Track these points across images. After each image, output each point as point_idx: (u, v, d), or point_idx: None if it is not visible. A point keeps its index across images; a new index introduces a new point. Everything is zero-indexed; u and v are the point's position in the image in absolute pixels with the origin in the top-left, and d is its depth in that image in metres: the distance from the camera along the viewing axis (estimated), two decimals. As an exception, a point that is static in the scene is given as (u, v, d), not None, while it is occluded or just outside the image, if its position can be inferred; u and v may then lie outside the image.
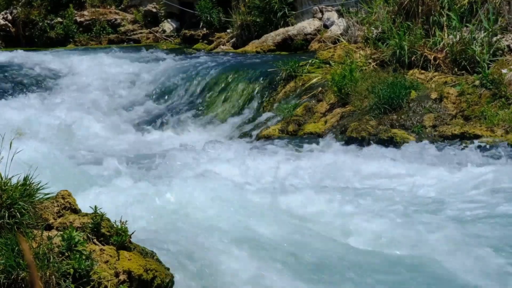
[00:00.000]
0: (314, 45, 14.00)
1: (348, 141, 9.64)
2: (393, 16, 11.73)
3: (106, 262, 4.97)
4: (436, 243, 5.98)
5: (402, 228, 6.20)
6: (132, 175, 7.99)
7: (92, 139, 11.21)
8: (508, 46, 10.52)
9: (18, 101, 12.91)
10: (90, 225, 5.09)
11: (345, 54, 11.78)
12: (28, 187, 5.03)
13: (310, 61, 12.09)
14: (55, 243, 4.81)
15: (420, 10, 11.44)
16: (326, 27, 14.64)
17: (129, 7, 18.59)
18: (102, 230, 5.11)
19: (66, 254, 4.78)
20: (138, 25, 18.12)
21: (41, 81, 13.85)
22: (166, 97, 13.00)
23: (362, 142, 9.48)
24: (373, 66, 11.10)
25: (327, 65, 11.82)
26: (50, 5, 18.09)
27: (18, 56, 14.99)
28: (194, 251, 5.48)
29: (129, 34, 18.00)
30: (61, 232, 4.93)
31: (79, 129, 11.30)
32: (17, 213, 4.89)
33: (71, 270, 4.72)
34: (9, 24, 18.05)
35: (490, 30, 10.63)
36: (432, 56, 10.75)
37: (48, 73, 14.14)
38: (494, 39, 10.61)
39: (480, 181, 7.60)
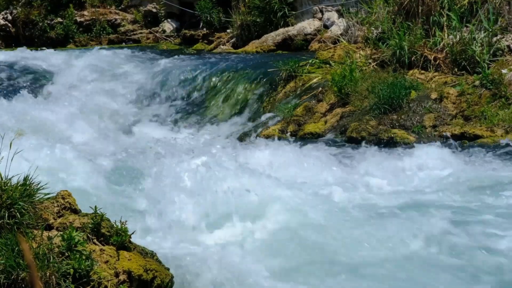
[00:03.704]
0: (314, 45, 14.00)
1: (348, 141, 9.65)
2: (393, 16, 11.73)
3: (106, 262, 4.97)
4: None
5: None
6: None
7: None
8: (508, 46, 10.52)
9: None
10: (90, 225, 5.09)
11: (345, 54, 11.78)
12: (28, 187, 5.03)
13: (310, 61, 12.08)
14: (55, 243, 4.81)
15: (420, 10, 11.45)
16: (326, 27, 14.64)
17: (129, 7, 18.59)
18: (102, 230, 5.11)
19: (66, 254, 4.78)
20: (138, 25, 18.12)
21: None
22: (165, 97, 12.99)
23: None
24: (373, 66, 11.10)
25: (327, 65, 11.82)
26: (50, 5, 18.09)
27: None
28: None
29: (129, 34, 18.00)
30: (61, 232, 4.93)
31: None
32: (17, 213, 4.89)
33: (71, 270, 4.72)
34: (9, 24, 18.05)
35: (490, 30, 10.63)
36: (432, 56, 10.75)
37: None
38: (494, 39, 10.61)
39: None
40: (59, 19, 17.97)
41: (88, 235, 5.06)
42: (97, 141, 11.02)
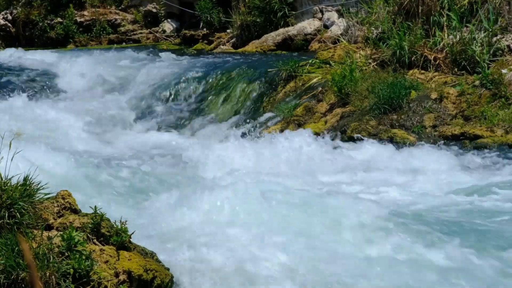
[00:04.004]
0: (314, 45, 14.00)
1: (348, 141, 9.65)
2: (393, 16, 11.73)
3: (106, 262, 4.97)
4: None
5: None
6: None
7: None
8: (508, 46, 10.52)
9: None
10: (90, 225, 5.09)
11: (345, 54, 11.77)
12: (28, 187, 5.03)
13: (310, 61, 12.08)
14: (55, 243, 4.81)
15: (420, 10, 11.45)
16: (326, 27, 14.64)
17: (129, 7, 18.59)
18: (102, 230, 5.11)
19: (66, 254, 4.78)
20: (138, 25, 18.13)
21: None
22: (165, 97, 12.99)
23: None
24: (373, 66, 11.10)
25: (327, 65, 11.81)
26: (50, 5, 18.10)
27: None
28: None
29: (129, 34, 18.00)
30: (61, 232, 4.93)
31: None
32: (17, 213, 4.89)
33: (71, 270, 4.72)
34: (9, 24, 18.05)
35: (490, 30, 10.63)
36: (432, 56, 10.75)
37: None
38: (494, 39, 10.60)
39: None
40: (59, 19, 17.97)
41: (88, 235, 5.06)
42: (97, 144, 11.03)
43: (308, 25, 14.76)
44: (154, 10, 17.96)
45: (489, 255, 5.74)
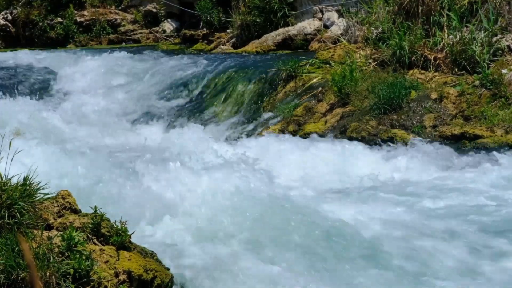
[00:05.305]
0: (314, 45, 14.00)
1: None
2: (393, 16, 11.73)
3: (106, 262, 4.97)
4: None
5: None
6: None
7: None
8: (508, 46, 10.52)
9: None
10: (90, 225, 5.09)
11: (345, 54, 11.78)
12: (28, 187, 5.03)
13: (310, 61, 12.08)
14: (55, 243, 4.81)
15: (420, 10, 11.44)
16: (326, 27, 14.64)
17: (129, 7, 18.60)
18: (102, 230, 5.11)
19: (66, 254, 4.78)
20: (138, 25, 18.13)
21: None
22: (165, 97, 12.99)
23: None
24: (373, 66, 11.10)
25: (327, 65, 11.81)
26: (50, 5, 18.10)
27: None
28: None
29: (129, 34, 18.01)
30: (61, 232, 4.93)
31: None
32: (17, 213, 4.88)
33: (71, 270, 4.72)
34: (9, 24, 18.06)
35: (490, 30, 10.63)
36: (432, 56, 10.75)
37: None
38: (494, 39, 10.60)
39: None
40: (59, 19, 17.98)
41: (88, 235, 5.06)
42: (97, 140, 11.03)
43: (308, 25, 14.76)
44: (154, 10, 17.96)
45: None
